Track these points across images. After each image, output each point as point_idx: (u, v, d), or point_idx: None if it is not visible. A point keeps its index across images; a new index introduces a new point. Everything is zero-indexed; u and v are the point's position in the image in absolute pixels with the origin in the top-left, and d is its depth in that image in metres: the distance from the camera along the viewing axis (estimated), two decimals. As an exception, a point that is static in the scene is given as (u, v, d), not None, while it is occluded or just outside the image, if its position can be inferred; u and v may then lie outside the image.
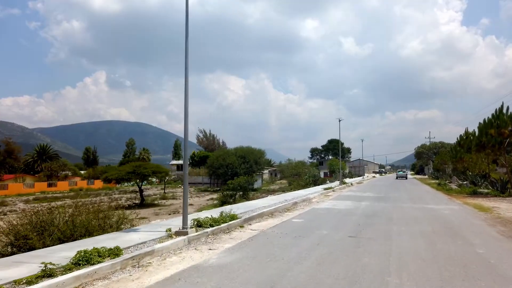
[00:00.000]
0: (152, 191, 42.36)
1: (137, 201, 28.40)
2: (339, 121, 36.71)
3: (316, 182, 45.65)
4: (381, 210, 15.08)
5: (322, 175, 64.57)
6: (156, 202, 29.05)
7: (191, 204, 23.55)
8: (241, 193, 25.64)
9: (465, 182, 30.11)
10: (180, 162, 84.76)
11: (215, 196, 29.91)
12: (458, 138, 42.55)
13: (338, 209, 15.42)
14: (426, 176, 75.43)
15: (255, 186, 50.70)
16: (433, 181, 46.93)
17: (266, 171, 66.37)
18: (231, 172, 40.26)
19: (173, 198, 32.12)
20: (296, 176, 51.89)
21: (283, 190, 34.69)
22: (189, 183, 14.29)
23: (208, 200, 29.30)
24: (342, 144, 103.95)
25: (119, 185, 44.94)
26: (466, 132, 40.41)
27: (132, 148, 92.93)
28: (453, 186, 29.83)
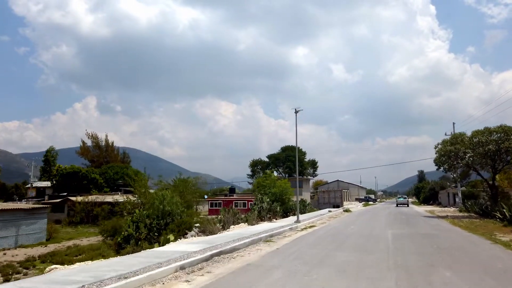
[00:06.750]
0: None
1: None
2: None
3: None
4: None
5: (265, 204, 31.91)
6: None
7: None
8: None
9: None
10: (45, 184, 54.43)
11: None
12: None
13: None
14: (452, 209, 42.25)
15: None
16: None
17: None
18: None
19: None
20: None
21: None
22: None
23: None
24: (305, 153, 69.84)
25: None
26: None
27: None
28: None
